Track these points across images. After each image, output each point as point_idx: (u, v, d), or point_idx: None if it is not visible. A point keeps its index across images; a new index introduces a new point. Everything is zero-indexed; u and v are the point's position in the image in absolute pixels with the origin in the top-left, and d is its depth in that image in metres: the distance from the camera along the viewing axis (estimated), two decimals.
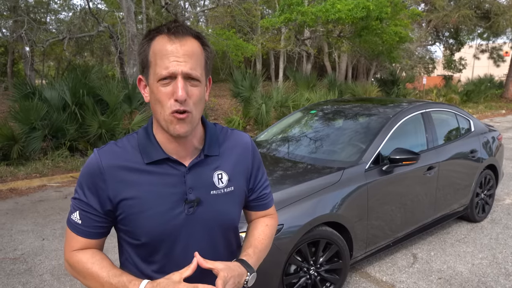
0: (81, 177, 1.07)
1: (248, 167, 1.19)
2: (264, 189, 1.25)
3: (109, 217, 1.07)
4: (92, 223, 1.06)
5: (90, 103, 7.49)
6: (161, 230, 1.05)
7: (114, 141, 1.11)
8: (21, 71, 20.91)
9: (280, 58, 16.33)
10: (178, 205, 1.06)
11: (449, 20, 19.74)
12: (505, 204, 5.13)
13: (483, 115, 16.03)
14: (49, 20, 18.47)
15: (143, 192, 1.04)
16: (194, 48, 0.99)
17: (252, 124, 11.02)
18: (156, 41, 1.00)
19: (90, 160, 1.06)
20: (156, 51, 0.98)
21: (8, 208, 5.07)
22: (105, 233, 1.10)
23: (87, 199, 1.05)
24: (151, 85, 1.01)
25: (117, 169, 1.04)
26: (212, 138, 1.13)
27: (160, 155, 1.05)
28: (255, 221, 1.27)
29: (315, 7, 10.86)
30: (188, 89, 0.98)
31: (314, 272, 2.80)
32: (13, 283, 3.23)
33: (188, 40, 0.99)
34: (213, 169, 1.11)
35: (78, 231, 1.07)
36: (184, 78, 0.97)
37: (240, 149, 1.18)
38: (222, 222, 1.12)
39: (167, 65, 0.96)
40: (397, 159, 3.16)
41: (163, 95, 0.97)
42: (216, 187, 1.10)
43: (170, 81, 0.97)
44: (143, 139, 1.08)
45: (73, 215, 1.07)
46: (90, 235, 1.07)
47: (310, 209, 2.68)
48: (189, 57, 0.97)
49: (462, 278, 3.29)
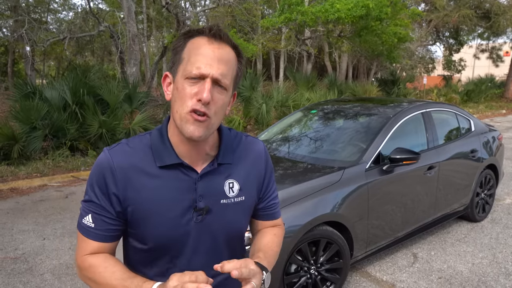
0: (91, 177, 1.03)
1: (260, 176, 1.16)
2: (273, 199, 1.22)
3: (121, 219, 1.04)
4: (105, 226, 1.02)
5: (91, 103, 7.50)
6: (169, 236, 1.03)
7: (125, 140, 1.07)
8: (22, 71, 20.93)
9: (280, 58, 16.34)
10: (187, 212, 1.03)
11: (449, 20, 19.74)
12: (505, 204, 5.13)
13: (484, 115, 16.03)
14: (49, 19, 18.49)
15: (153, 196, 1.01)
16: (230, 56, 0.98)
17: (252, 124, 11.02)
18: (194, 39, 0.98)
19: (101, 159, 1.03)
20: (191, 49, 0.97)
21: (9, 208, 5.08)
22: (118, 236, 1.07)
23: (99, 200, 1.01)
24: (177, 81, 0.98)
25: (129, 170, 1.01)
26: (227, 146, 1.10)
27: (174, 159, 1.02)
28: (263, 231, 1.23)
29: (314, 7, 10.87)
30: (213, 94, 0.95)
31: (314, 271, 2.81)
32: (14, 282, 3.24)
33: (227, 47, 0.98)
34: (225, 177, 1.08)
35: (90, 235, 1.03)
36: (213, 82, 0.95)
37: (253, 157, 1.15)
38: (229, 231, 1.10)
39: (199, 65, 0.94)
40: (398, 159, 3.16)
41: (187, 94, 0.95)
42: (226, 196, 1.08)
43: (198, 81, 0.95)
44: (157, 140, 1.05)
45: (85, 218, 1.03)
46: (104, 239, 1.03)
47: (311, 208, 2.68)
48: (223, 63, 0.95)
49: (462, 277, 3.29)
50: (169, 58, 4.44)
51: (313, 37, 14.96)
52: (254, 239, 1.22)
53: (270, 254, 1.14)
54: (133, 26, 9.83)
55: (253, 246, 1.18)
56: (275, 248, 1.18)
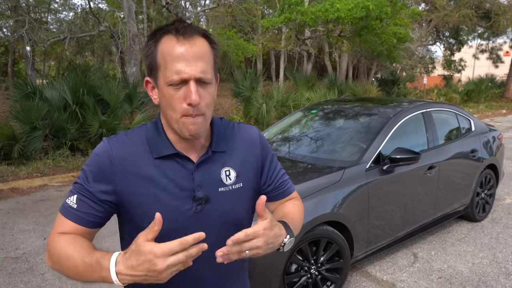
0: (88, 164, 1.02)
1: (257, 161, 1.16)
2: (281, 177, 1.21)
3: (107, 208, 1.02)
4: (87, 210, 1.00)
5: (91, 103, 7.51)
6: (168, 227, 1.02)
7: (123, 131, 1.08)
8: (22, 71, 20.94)
9: (280, 58, 16.34)
10: (186, 202, 1.03)
11: (449, 20, 19.73)
12: (505, 204, 5.13)
13: (484, 115, 16.03)
14: (50, 19, 18.49)
15: (151, 187, 1.02)
16: (203, 49, 0.97)
17: (252, 124, 11.02)
18: (163, 42, 0.96)
19: (100, 148, 1.02)
20: (164, 54, 0.95)
21: (9, 208, 5.08)
22: (97, 224, 1.04)
23: (90, 186, 1.00)
24: (161, 88, 0.98)
25: (127, 160, 1.01)
26: (219, 134, 1.11)
27: (170, 150, 1.03)
28: (281, 205, 1.21)
29: (314, 7, 10.87)
30: (200, 92, 0.96)
31: (315, 271, 2.81)
32: (14, 282, 3.25)
33: (197, 40, 0.96)
34: (221, 165, 1.09)
35: (70, 215, 1.00)
36: (196, 82, 0.95)
37: (247, 143, 1.15)
38: (230, 219, 1.10)
39: (178, 69, 0.93)
40: (398, 159, 3.16)
41: (175, 100, 0.95)
42: (224, 184, 1.08)
43: (181, 85, 0.95)
44: (152, 132, 1.06)
45: (69, 199, 1.02)
46: (82, 221, 1.00)
47: (311, 208, 2.69)
48: (200, 59, 0.95)
49: (462, 277, 3.29)
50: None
51: (313, 37, 14.96)
52: (274, 213, 1.20)
53: (294, 219, 1.13)
54: (133, 26, 9.83)
55: (275, 216, 1.15)
56: (297, 215, 1.17)
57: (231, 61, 16.00)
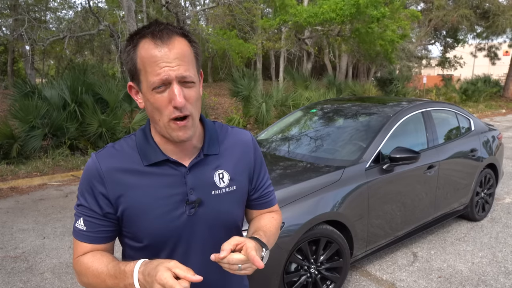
0: (81, 183, 1.05)
1: (250, 165, 1.17)
2: (267, 188, 1.22)
3: (113, 221, 1.05)
4: (96, 228, 1.04)
5: (90, 102, 7.50)
6: (163, 231, 1.04)
7: (111, 144, 1.08)
8: (21, 70, 20.91)
9: (280, 57, 16.33)
10: (180, 206, 1.04)
11: (448, 20, 19.72)
12: (505, 203, 5.13)
13: (483, 114, 16.04)
14: (49, 18, 18.47)
15: (143, 194, 1.02)
16: (183, 49, 0.95)
17: (252, 123, 11.03)
18: (141, 47, 0.94)
19: (89, 165, 1.04)
20: (144, 59, 0.94)
21: (9, 207, 5.07)
22: (110, 238, 1.08)
23: (89, 204, 1.03)
24: (145, 93, 0.98)
25: (117, 172, 1.02)
26: (212, 137, 1.11)
27: (159, 156, 1.03)
28: (260, 216, 1.23)
29: (305, 13, 10.78)
30: (184, 92, 0.95)
31: (314, 270, 2.81)
32: (14, 281, 3.24)
33: (175, 41, 0.94)
34: (214, 168, 1.09)
35: (82, 237, 1.04)
36: (179, 82, 0.94)
37: (241, 147, 1.15)
38: (224, 222, 1.11)
39: (159, 71, 0.92)
40: (398, 158, 3.16)
41: (160, 103, 0.95)
42: (217, 186, 1.08)
43: (165, 88, 0.94)
44: (141, 140, 1.06)
45: (77, 223, 1.05)
46: (95, 240, 1.05)
47: (311, 207, 2.69)
48: (181, 60, 0.94)
49: (462, 276, 3.29)
50: None
51: (312, 36, 14.95)
52: (251, 222, 1.22)
53: (269, 234, 1.14)
54: (133, 25, 9.81)
55: (251, 227, 1.18)
56: (273, 229, 1.18)
57: (231, 60, 15.99)
